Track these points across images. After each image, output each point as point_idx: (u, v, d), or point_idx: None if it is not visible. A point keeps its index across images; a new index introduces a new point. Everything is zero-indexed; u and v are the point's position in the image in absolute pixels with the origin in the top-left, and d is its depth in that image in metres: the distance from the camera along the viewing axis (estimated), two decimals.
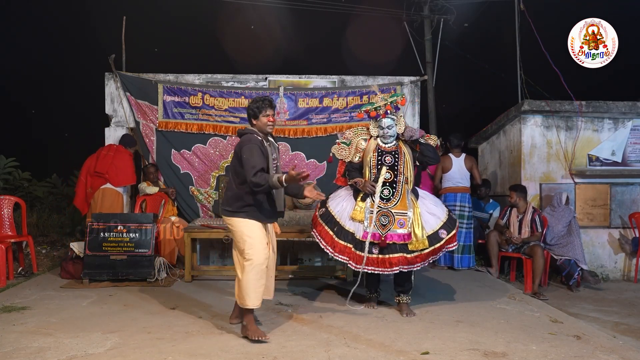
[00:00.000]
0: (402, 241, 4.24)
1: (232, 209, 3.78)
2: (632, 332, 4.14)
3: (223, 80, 7.10)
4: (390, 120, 4.35)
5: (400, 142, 4.43)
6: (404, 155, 4.37)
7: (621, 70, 8.21)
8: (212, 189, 6.89)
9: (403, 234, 4.25)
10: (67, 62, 12.38)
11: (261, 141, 3.77)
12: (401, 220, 4.27)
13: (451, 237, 4.40)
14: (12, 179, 8.16)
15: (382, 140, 4.43)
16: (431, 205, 4.53)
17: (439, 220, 4.42)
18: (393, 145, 4.41)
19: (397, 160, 4.36)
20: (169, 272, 5.68)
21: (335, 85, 7.15)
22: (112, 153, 6.34)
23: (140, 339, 3.68)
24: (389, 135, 4.36)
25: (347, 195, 4.53)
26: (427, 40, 9.98)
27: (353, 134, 4.58)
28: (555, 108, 6.41)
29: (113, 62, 6.85)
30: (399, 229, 4.25)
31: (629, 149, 6.47)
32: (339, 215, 4.40)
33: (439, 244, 4.33)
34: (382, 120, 4.35)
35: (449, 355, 3.44)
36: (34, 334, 3.77)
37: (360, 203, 4.36)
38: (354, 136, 4.56)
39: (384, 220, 4.28)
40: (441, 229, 4.39)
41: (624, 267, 6.41)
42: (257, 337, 3.58)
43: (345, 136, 4.60)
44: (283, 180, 3.56)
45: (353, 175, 4.50)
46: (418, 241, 4.25)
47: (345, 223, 4.35)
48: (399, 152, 4.38)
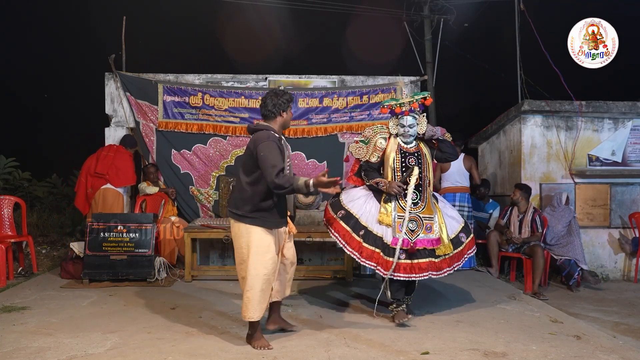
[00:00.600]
0: (431, 246, 4.08)
1: (240, 212, 3.48)
2: (632, 332, 4.14)
3: (223, 80, 7.10)
4: (412, 119, 4.18)
5: (420, 143, 4.29)
6: (426, 156, 4.24)
7: (621, 70, 8.21)
8: (212, 189, 6.89)
9: (433, 239, 4.10)
10: (67, 62, 12.36)
11: (279, 139, 3.52)
12: (429, 225, 4.12)
13: (470, 242, 4.33)
14: (12, 179, 8.16)
15: (403, 140, 4.24)
16: (449, 208, 4.46)
17: (458, 223, 4.34)
18: (414, 146, 4.25)
19: (420, 161, 4.19)
20: (169, 272, 5.68)
21: (335, 85, 7.15)
22: (112, 154, 6.34)
23: (140, 339, 3.68)
24: (409, 134, 4.19)
25: (367, 195, 4.28)
26: (427, 40, 9.97)
27: (372, 132, 4.36)
28: (555, 108, 6.41)
29: (113, 62, 6.86)
30: (428, 233, 4.09)
31: (629, 149, 6.47)
32: (364, 218, 4.14)
33: (460, 248, 4.25)
34: (405, 117, 4.17)
35: (449, 355, 3.44)
36: (34, 334, 3.77)
37: (385, 205, 4.14)
38: (373, 134, 4.34)
39: (412, 226, 4.07)
40: (461, 232, 4.30)
41: (624, 267, 6.40)
42: (260, 347, 3.48)
43: (364, 134, 4.39)
44: (311, 185, 3.26)
45: (372, 175, 4.26)
46: (444, 245, 4.14)
47: (373, 227, 4.10)
48: (421, 153, 4.23)
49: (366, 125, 6.93)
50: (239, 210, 3.49)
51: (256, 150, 3.41)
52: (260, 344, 3.50)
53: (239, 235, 3.51)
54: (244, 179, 3.52)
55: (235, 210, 3.51)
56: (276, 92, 3.66)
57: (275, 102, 3.59)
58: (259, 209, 3.45)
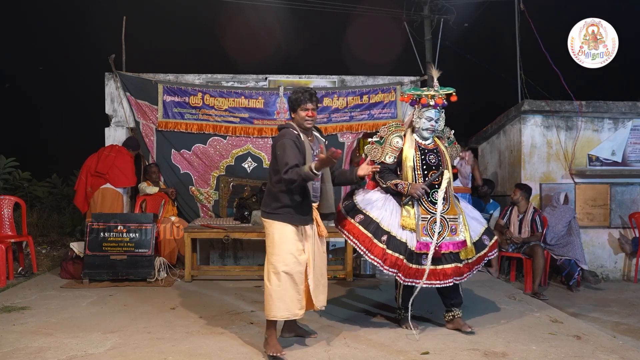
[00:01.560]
0: (457, 249, 3.84)
1: (267, 209, 3.51)
2: (632, 332, 4.14)
3: (223, 80, 7.09)
4: (438, 114, 3.96)
5: (436, 139, 4.09)
6: (444, 153, 4.01)
7: (621, 70, 8.21)
8: (212, 189, 6.89)
9: (459, 241, 3.86)
10: (67, 62, 12.37)
11: (297, 135, 3.48)
12: (453, 226, 3.87)
13: (493, 244, 4.13)
14: (12, 179, 8.16)
15: (421, 136, 4.00)
16: (471, 209, 4.24)
17: (482, 225, 4.13)
18: (432, 143, 4.03)
19: (439, 159, 3.97)
20: (169, 272, 5.68)
21: (335, 85, 7.15)
22: (113, 154, 6.34)
23: (140, 339, 3.68)
24: (434, 129, 3.97)
25: (385, 198, 3.97)
26: (427, 40, 9.97)
27: (387, 130, 4.11)
28: (555, 108, 6.41)
29: (113, 62, 6.85)
30: (453, 236, 3.84)
31: (629, 149, 6.47)
32: (385, 222, 3.83)
33: (483, 252, 4.02)
34: (431, 111, 3.93)
35: (449, 355, 3.44)
36: (34, 334, 3.77)
37: (407, 208, 3.84)
38: (388, 134, 4.08)
39: (437, 229, 3.78)
40: (484, 235, 4.08)
41: (624, 267, 6.40)
42: (273, 352, 3.34)
43: (379, 133, 4.14)
44: (313, 168, 3.26)
45: (389, 177, 3.97)
46: (468, 249, 3.89)
47: (396, 232, 3.80)
48: (439, 150, 4.01)
49: (366, 125, 6.94)
50: (266, 208, 3.53)
51: (275, 148, 3.48)
52: (274, 350, 3.36)
53: (267, 230, 3.52)
54: (270, 177, 3.56)
55: (264, 208, 3.55)
56: (295, 89, 3.64)
57: (289, 100, 3.61)
58: (283, 205, 3.45)
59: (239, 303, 4.70)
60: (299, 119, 3.55)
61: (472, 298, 4.94)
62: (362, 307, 4.58)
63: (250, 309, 4.49)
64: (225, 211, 6.85)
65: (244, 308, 4.52)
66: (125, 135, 6.91)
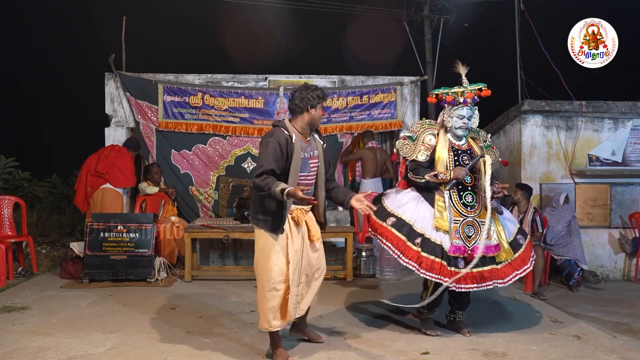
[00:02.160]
0: (491, 253, 3.69)
1: (252, 214, 3.36)
2: (632, 332, 4.14)
3: (223, 80, 7.09)
4: (470, 111, 3.80)
5: (470, 140, 3.92)
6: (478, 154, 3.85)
7: (621, 70, 8.21)
8: (212, 189, 6.89)
9: (491, 245, 3.70)
10: (67, 62, 12.38)
11: (288, 137, 3.23)
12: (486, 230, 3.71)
13: (529, 243, 3.93)
14: (12, 179, 8.16)
15: (454, 135, 3.84)
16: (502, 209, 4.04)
17: (514, 225, 3.97)
18: (465, 143, 3.88)
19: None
20: (169, 272, 5.68)
21: (335, 85, 7.15)
22: (114, 154, 6.34)
23: (140, 339, 3.68)
24: (466, 127, 3.80)
25: (416, 198, 3.83)
26: (427, 40, 9.97)
27: (420, 127, 3.97)
28: (555, 108, 6.41)
29: (113, 62, 6.85)
30: (486, 240, 3.68)
31: (629, 149, 6.47)
32: (419, 225, 3.70)
33: (521, 251, 3.83)
34: (463, 108, 3.77)
35: (449, 355, 3.44)
36: (34, 334, 3.77)
37: (440, 209, 3.73)
38: (421, 130, 3.95)
39: (469, 231, 3.69)
40: (518, 234, 3.91)
41: (624, 267, 6.40)
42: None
43: (412, 129, 4.01)
44: (285, 193, 3.03)
45: (424, 171, 3.79)
46: (505, 251, 3.74)
47: (431, 234, 3.68)
48: (473, 151, 3.86)
49: (366, 126, 6.93)
50: (251, 213, 3.38)
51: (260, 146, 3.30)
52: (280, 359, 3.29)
53: (255, 237, 3.36)
54: None
55: (251, 212, 3.42)
56: (308, 86, 3.37)
57: (303, 96, 3.30)
58: (264, 212, 3.24)
59: (239, 303, 4.70)
60: (312, 119, 3.34)
61: (471, 297, 4.92)
62: (362, 307, 4.58)
63: (250, 309, 4.49)
64: (225, 211, 6.85)
65: (244, 308, 4.52)
66: (125, 135, 6.91)
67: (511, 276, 3.72)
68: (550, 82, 6.80)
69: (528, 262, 3.84)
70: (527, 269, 3.81)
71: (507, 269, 3.72)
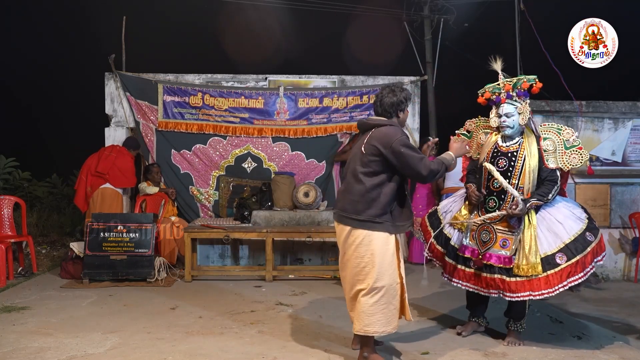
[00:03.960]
0: (500, 264, 3.47)
1: (362, 217, 3.14)
2: (632, 332, 4.13)
3: (223, 80, 7.09)
4: (510, 107, 3.55)
5: (526, 141, 3.57)
6: (525, 159, 3.51)
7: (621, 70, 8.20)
8: (212, 189, 6.89)
9: (503, 256, 3.48)
10: (67, 62, 12.38)
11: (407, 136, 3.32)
12: (505, 240, 3.52)
13: (570, 264, 3.41)
14: (12, 179, 8.16)
15: (503, 136, 3.64)
16: (556, 221, 3.52)
17: (559, 240, 3.46)
18: (515, 144, 3.59)
19: (513, 164, 3.53)
20: (169, 272, 5.68)
21: (335, 85, 7.14)
22: (114, 154, 6.34)
23: (140, 339, 3.68)
24: (507, 125, 3.55)
25: (460, 196, 3.91)
26: (427, 40, 9.97)
27: (474, 124, 3.88)
28: (555, 108, 6.41)
29: (113, 62, 6.85)
30: (501, 249, 3.50)
31: (629, 149, 6.47)
32: (443, 215, 3.87)
33: (554, 271, 3.39)
34: (502, 106, 3.57)
35: (449, 355, 3.44)
36: (34, 334, 3.77)
37: (464, 209, 3.74)
38: (476, 127, 3.85)
39: (485, 237, 3.55)
40: (559, 252, 3.43)
41: (624, 267, 6.40)
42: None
43: (465, 126, 3.92)
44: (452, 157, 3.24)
45: (469, 178, 3.80)
46: (529, 265, 3.39)
47: (445, 226, 3.81)
48: (518, 154, 3.54)
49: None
50: (360, 216, 3.15)
51: (391, 148, 3.09)
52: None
53: (358, 242, 3.16)
54: (367, 180, 3.15)
55: (356, 216, 3.16)
56: (393, 88, 3.28)
57: (393, 102, 3.25)
58: (385, 212, 3.15)
59: (239, 303, 4.70)
60: (401, 122, 3.34)
61: None
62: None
63: (250, 309, 4.49)
64: (225, 211, 6.85)
65: (244, 308, 4.52)
66: (125, 135, 6.90)
67: (522, 294, 3.42)
68: (550, 82, 6.79)
69: (553, 287, 3.39)
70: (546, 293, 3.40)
71: (518, 286, 3.42)
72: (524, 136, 3.61)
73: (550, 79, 6.69)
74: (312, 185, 6.33)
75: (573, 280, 3.40)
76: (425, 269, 4.17)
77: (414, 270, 5.86)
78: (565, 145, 3.56)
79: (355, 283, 3.21)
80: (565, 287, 3.40)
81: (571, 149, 3.56)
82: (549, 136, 3.61)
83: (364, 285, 3.15)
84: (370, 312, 3.14)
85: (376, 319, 3.14)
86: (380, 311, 3.14)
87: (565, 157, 3.54)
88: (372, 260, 3.13)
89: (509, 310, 3.72)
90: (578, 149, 3.55)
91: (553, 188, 3.49)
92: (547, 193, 3.48)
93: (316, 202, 6.25)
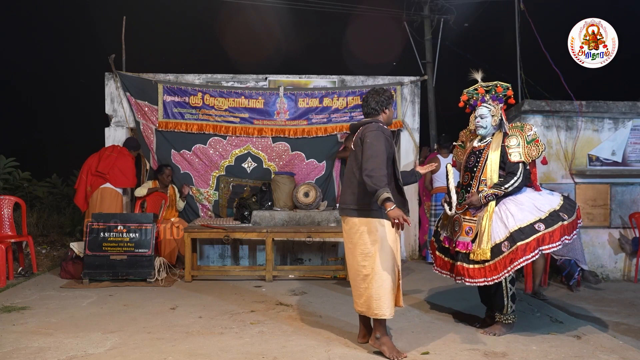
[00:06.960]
0: (464, 250, 3.83)
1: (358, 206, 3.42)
2: (632, 332, 4.13)
3: (223, 80, 7.09)
4: (484, 109, 3.91)
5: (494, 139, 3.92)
6: (488, 157, 3.87)
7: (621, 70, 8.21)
8: (212, 189, 6.89)
9: (465, 242, 3.84)
10: (67, 62, 12.40)
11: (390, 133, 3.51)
12: (468, 228, 3.87)
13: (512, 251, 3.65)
14: (12, 179, 8.16)
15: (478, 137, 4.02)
16: (509, 213, 3.77)
17: (507, 230, 3.72)
18: (484, 143, 3.96)
19: (478, 160, 3.93)
20: (169, 272, 5.68)
21: (335, 85, 7.15)
22: (115, 154, 6.35)
23: (140, 339, 3.68)
24: (480, 125, 3.92)
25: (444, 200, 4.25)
26: (427, 40, 9.98)
27: (464, 134, 4.26)
28: (555, 108, 6.41)
29: (113, 62, 6.85)
30: (466, 236, 3.86)
31: (629, 149, 6.47)
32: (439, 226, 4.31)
33: (499, 258, 3.67)
34: (477, 108, 3.94)
35: (449, 355, 3.44)
36: (34, 334, 3.77)
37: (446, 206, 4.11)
38: (466, 137, 4.24)
39: (456, 227, 3.95)
40: (506, 240, 3.70)
41: (624, 267, 6.40)
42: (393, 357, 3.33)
43: (460, 138, 4.27)
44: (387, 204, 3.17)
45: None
46: (481, 250, 3.70)
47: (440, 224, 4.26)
48: (484, 151, 3.92)
49: None
50: (357, 205, 3.42)
51: (364, 136, 3.38)
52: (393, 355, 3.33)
53: (359, 230, 3.42)
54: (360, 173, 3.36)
55: (353, 206, 3.44)
56: (377, 90, 3.58)
57: (377, 100, 3.54)
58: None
59: (239, 303, 4.70)
60: (387, 119, 3.59)
61: (471, 297, 4.93)
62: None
63: (250, 309, 4.49)
64: (225, 211, 6.85)
65: (244, 308, 4.52)
66: (125, 135, 6.91)
67: (479, 280, 3.74)
68: (550, 82, 6.80)
69: (500, 273, 3.67)
70: (496, 279, 3.68)
71: (476, 273, 3.75)
72: (494, 136, 3.97)
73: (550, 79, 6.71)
74: (312, 185, 6.33)
75: (515, 266, 3.65)
76: None
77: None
78: (527, 140, 3.89)
79: (361, 269, 3.47)
80: (509, 272, 3.68)
81: (531, 142, 3.89)
82: (514, 134, 3.94)
83: (369, 270, 3.42)
84: (377, 296, 3.38)
85: (383, 302, 3.38)
86: (386, 294, 3.38)
87: (526, 150, 3.87)
88: (374, 246, 3.39)
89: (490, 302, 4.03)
90: (536, 142, 3.90)
91: (512, 179, 3.80)
92: (503, 184, 3.80)
93: (316, 202, 6.25)
